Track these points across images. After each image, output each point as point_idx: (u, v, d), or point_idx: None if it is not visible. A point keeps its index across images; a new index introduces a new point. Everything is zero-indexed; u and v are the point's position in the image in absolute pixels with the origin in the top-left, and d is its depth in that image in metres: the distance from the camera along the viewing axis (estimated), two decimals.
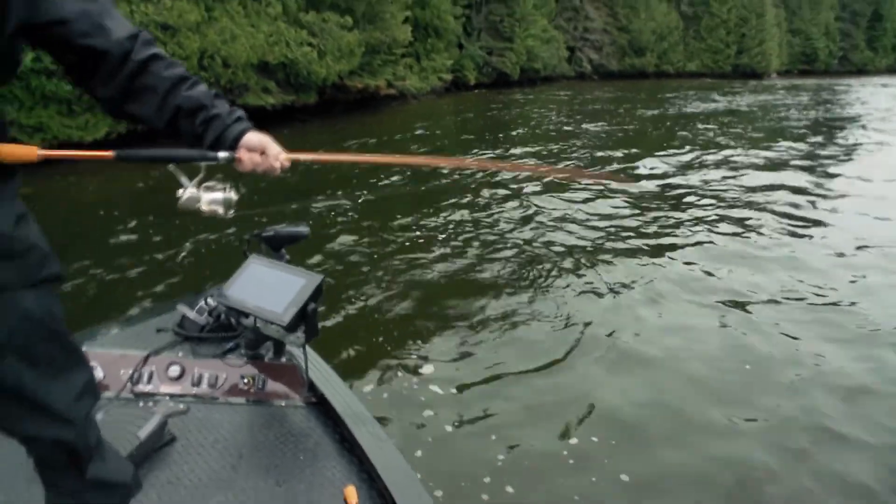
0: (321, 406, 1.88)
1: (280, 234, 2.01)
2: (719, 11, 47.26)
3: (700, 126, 16.46)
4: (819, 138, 14.28)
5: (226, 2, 12.82)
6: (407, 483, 1.53)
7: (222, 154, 1.22)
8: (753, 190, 8.64)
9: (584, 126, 16.27)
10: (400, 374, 3.59)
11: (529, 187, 8.50)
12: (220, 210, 1.31)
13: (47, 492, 1.21)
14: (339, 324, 4.26)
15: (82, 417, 1.14)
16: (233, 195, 1.32)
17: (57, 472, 1.18)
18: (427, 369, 3.64)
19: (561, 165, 10.49)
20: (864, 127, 16.86)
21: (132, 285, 4.90)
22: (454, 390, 3.42)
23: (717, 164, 10.64)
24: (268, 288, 1.77)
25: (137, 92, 1.13)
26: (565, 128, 16.17)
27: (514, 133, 15.05)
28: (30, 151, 1.04)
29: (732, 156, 11.51)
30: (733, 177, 9.56)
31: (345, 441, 1.74)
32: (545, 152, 11.98)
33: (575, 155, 11.71)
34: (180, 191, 1.26)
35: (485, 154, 11.42)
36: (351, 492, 1.52)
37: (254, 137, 1.24)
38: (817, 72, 57.09)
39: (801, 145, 13.14)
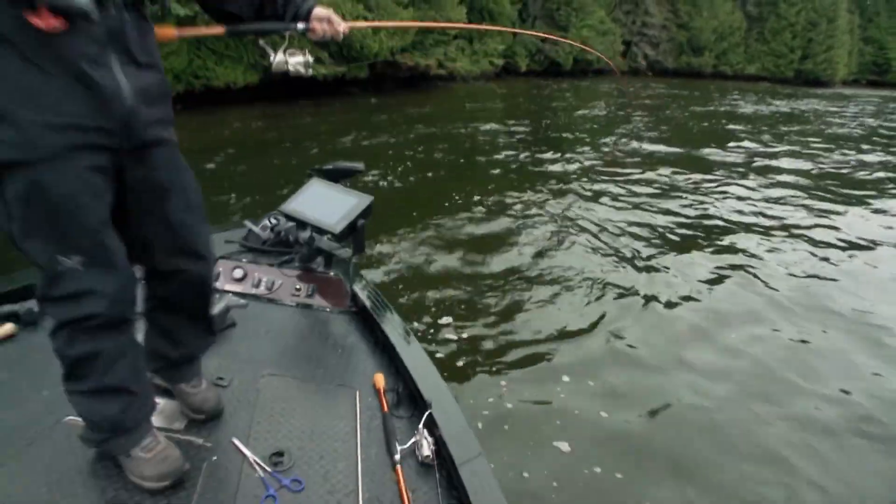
0: (361, 314, 2.12)
1: (338, 167, 2.31)
2: (787, 13, 45.41)
3: (748, 129, 16.03)
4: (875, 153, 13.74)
5: None
6: (428, 375, 1.73)
7: (300, 25, 1.50)
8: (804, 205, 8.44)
9: (631, 120, 16.05)
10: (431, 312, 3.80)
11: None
12: (302, 70, 1.61)
13: (164, 339, 1.50)
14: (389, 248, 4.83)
15: (213, 258, 1.47)
16: (310, 58, 1.62)
17: (185, 311, 1.48)
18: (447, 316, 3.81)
19: (596, 157, 10.43)
20: None
21: (213, 206, 5.32)
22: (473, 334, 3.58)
23: (766, 172, 10.41)
24: (324, 203, 2.05)
25: None
26: (609, 120, 15.99)
27: (559, 122, 14.98)
28: (170, 32, 1.33)
29: (789, 164, 11.22)
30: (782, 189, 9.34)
31: (378, 343, 1.97)
32: (585, 141, 11.92)
33: (613, 145, 11.60)
34: (271, 57, 1.58)
35: (530, 145, 11.43)
36: (379, 378, 1.76)
37: (321, 10, 1.52)
38: (888, 83, 54.34)
39: (858, 157, 12.69)
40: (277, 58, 1.60)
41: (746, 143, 12.70)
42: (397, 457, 1.46)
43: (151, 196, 1.29)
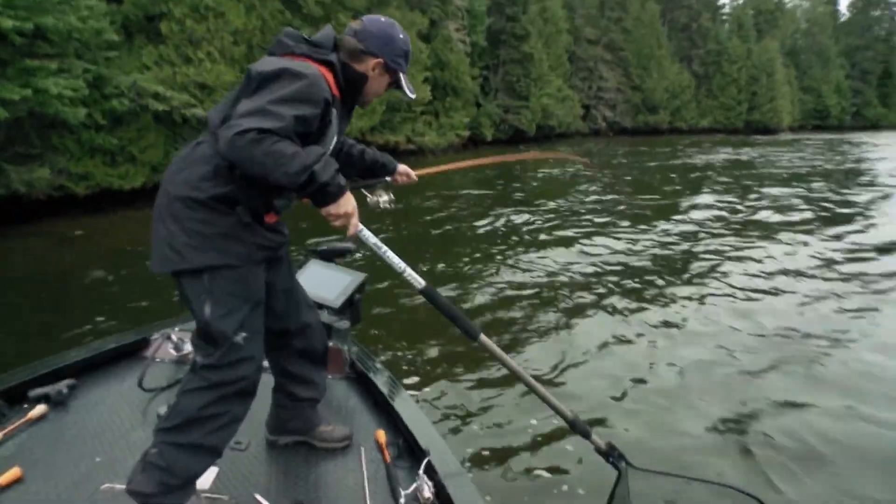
0: (360, 379, 2.34)
1: (332, 248, 2.58)
2: (730, 71, 48.69)
3: (711, 175, 16.95)
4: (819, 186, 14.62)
5: None
6: (423, 427, 1.95)
7: (389, 178, 2.12)
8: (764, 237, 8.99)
9: (594, 177, 16.87)
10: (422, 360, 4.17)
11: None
12: (390, 206, 2.00)
13: (303, 385, 1.91)
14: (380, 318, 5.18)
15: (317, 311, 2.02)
16: (392, 196, 2.02)
17: (316, 355, 1.93)
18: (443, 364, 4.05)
19: (563, 213, 10.97)
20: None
21: None
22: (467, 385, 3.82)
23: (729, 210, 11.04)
24: (323, 282, 2.31)
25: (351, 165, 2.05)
26: (576, 180, 16.78)
27: (527, 185, 15.69)
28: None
29: (741, 203, 11.90)
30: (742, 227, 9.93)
31: (377, 403, 2.18)
32: (554, 204, 12.53)
33: (583, 205, 12.22)
34: (369, 199, 1.96)
35: (501, 208, 11.96)
36: (380, 433, 1.96)
37: (402, 167, 2.17)
38: (831, 127, 57.78)
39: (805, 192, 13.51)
40: (372, 200, 2.02)
41: (705, 190, 13.47)
42: (402, 500, 1.62)
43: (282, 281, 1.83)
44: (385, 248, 1.76)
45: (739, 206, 11.63)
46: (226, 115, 1.50)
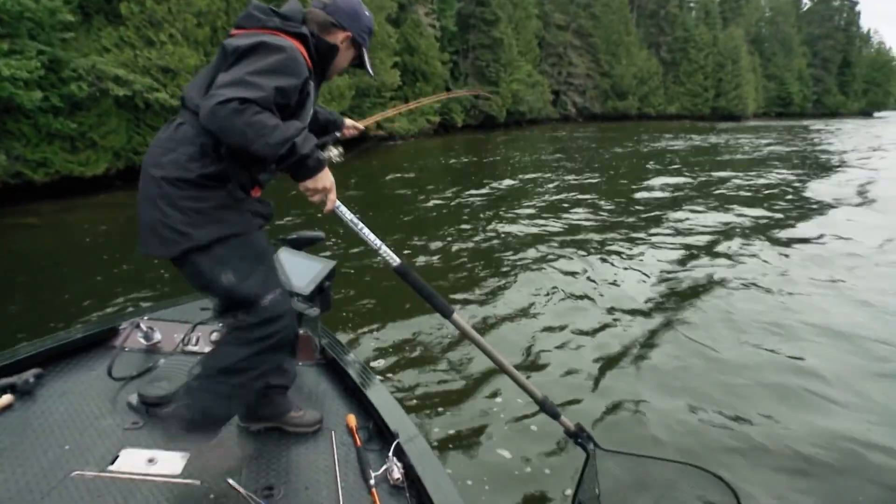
0: (330, 365, 2.37)
1: (301, 237, 2.57)
2: (696, 58, 49.50)
3: (677, 159, 17.30)
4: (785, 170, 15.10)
5: None
6: (392, 411, 2.00)
7: (339, 133, 2.26)
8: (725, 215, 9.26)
9: (563, 163, 17.06)
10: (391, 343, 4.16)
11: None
12: (340, 158, 2.14)
13: (276, 374, 1.92)
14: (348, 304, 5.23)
15: None
16: (342, 149, 2.16)
17: (290, 345, 1.92)
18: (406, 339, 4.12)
19: (534, 196, 11.10)
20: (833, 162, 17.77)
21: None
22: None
23: (691, 192, 11.31)
24: (293, 270, 2.29)
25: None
26: (544, 164, 16.95)
27: (496, 170, 15.77)
28: None
29: (704, 186, 12.21)
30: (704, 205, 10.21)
31: (347, 388, 2.22)
32: (522, 185, 12.64)
33: (549, 187, 12.37)
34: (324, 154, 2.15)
35: (470, 193, 12.01)
36: (351, 418, 2.00)
37: (348, 120, 2.30)
38: (793, 114, 59.44)
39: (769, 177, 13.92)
40: (326, 154, 2.18)
41: (670, 175, 13.77)
42: (372, 482, 1.68)
43: None
44: (361, 224, 1.80)
45: (695, 185, 11.93)
46: (206, 92, 1.52)
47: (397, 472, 1.71)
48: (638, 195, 11.49)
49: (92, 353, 2.34)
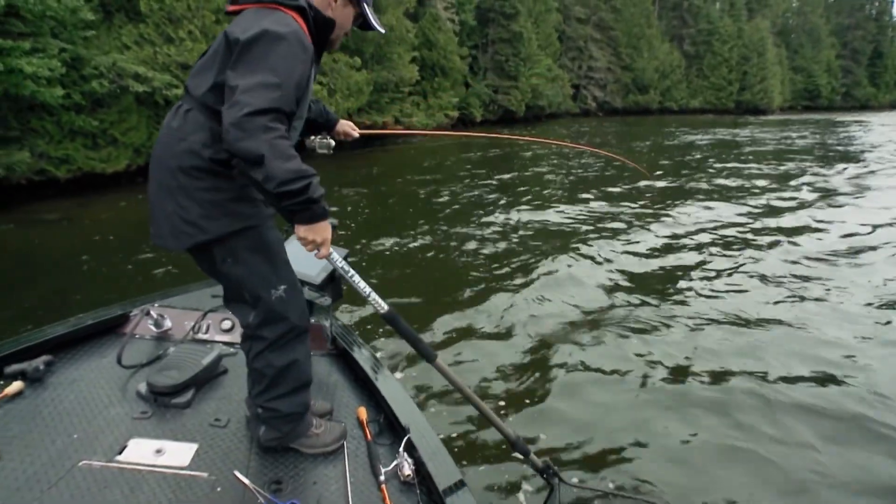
0: (341, 355, 2.33)
1: None
2: (721, 50, 48.50)
3: (700, 157, 16.96)
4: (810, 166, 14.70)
5: None
6: (404, 404, 1.97)
7: (329, 137, 2.24)
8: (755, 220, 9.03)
9: (582, 160, 16.84)
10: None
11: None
12: (328, 151, 2.21)
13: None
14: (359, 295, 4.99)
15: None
16: (332, 142, 2.22)
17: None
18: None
19: (556, 195, 10.96)
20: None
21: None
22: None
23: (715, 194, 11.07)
24: (303, 258, 2.19)
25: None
26: (564, 161, 16.75)
27: (514, 167, 15.62)
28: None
29: (732, 187, 11.94)
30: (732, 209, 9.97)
31: (359, 380, 2.19)
32: (541, 184, 12.50)
33: (564, 185, 12.21)
34: (307, 142, 2.16)
35: (485, 189, 11.91)
36: (361, 410, 1.98)
37: (343, 122, 2.23)
38: (821, 107, 57.96)
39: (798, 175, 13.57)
40: (310, 143, 2.22)
41: (706, 167, 13.49)
42: (382, 478, 1.65)
43: None
44: (352, 271, 1.75)
45: (724, 184, 11.67)
46: (214, 82, 1.50)
47: (408, 468, 1.68)
48: (655, 191, 11.27)
49: (102, 339, 2.34)
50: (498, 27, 31.66)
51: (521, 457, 2.05)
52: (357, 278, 1.75)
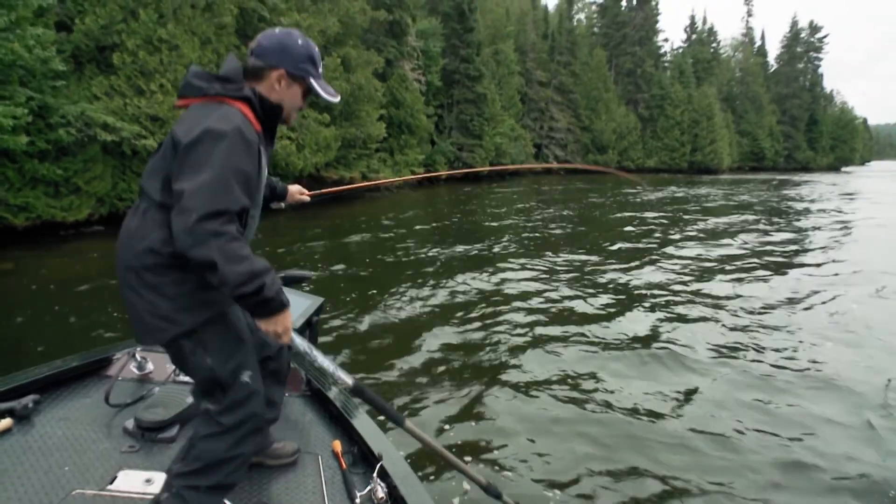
0: (316, 396, 2.44)
1: (290, 275, 2.69)
2: (673, 114, 51.48)
3: (660, 211, 17.69)
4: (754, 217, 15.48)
5: None
6: (375, 436, 2.07)
7: (282, 204, 2.30)
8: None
9: (545, 213, 17.35)
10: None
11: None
12: (282, 205, 2.29)
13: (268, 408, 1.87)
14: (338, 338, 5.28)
15: None
16: (281, 204, 2.30)
17: (282, 376, 2.00)
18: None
19: (515, 246, 11.22)
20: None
21: None
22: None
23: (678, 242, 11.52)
24: None
25: None
26: (525, 215, 17.22)
27: (480, 222, 15.98)
28: None
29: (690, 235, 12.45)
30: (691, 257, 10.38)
31: (332, 416, 2.29)
32: (504, 237, 12.80)
33: (532, 236, 12.53)
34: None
35: (452, 245, 12.12)
36: (336, 444, 2.07)
37: (293, 187, 2.32)
38: (766, 168, 61.59)
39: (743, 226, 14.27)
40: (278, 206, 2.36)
41: (651, 226, 14.05)
42: (357, 501, 1.75)
43: None
44: (315, 350, 1.77)
45: (673, 236, 12.19)
46: (164, 182, 1.49)
47: (381, 492, 1.78)
48: (615, 245, 11.68)
49: (87, 380, 2.45)
50: (463, 88, 32.99)
51: (494, 499, 2.12)
52: (320, 356, 1.74)
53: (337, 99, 1.75)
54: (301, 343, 1.70)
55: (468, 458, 3.37)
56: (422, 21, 30.49)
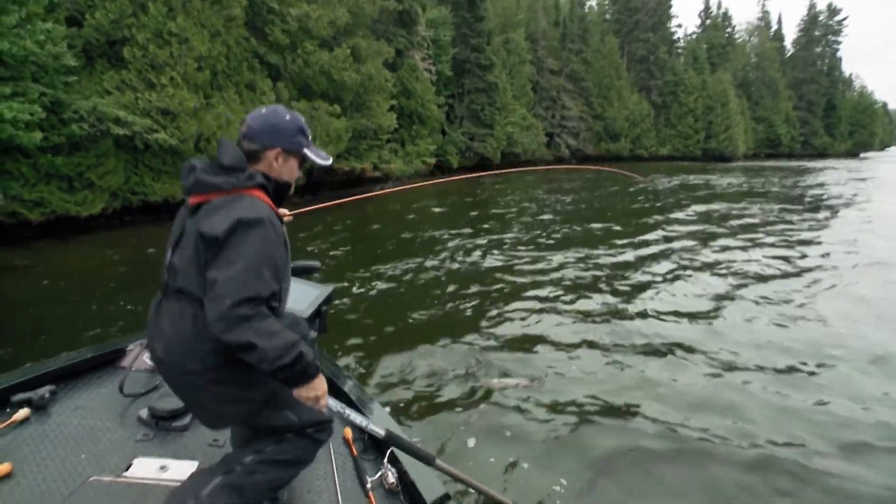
0: (327, 384, 2.41)
1: (297, 266, 2.69)
2: (686, 101, 50.71)
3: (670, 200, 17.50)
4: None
5: (223, 90, 13.90)
6: (385, 422, 2.09)
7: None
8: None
9: (556, 203, 17.23)
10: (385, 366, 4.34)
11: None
12: (289, 217, 2.16)
13: None
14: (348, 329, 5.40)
15: None
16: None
17: None
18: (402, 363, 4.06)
19: (527, 238, 11.16)
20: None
21: None
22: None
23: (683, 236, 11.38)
24: (293, 294, 2.37)
25: None
26: (535, 205, 17.11)
27: (491, 212, 15.90)
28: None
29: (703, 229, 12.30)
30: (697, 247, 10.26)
31: (343, 406, 2.28)
32: (515, 227, 12.72)
33: (545, 229, 12.45)
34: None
35: (463, 233, 12.08)
36: (347, 431, 2.16)
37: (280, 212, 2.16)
38: (782, 155, 60.57)
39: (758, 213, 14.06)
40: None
41: (661, 214, 13.92)
42: (369, 486, 1.84)
43: None
44: (350, 410, 1.86)
45: (692, 225, 12.05)
46: (198, 281, 1.52)
47: (392, 477, 1.86)
48: (626, 238, 11.57)
49: (101, 371, 2.54)
50: (474, 77, 32.73)
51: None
52: (354, 414, 1.86)
53: (329, 161, 1.79)
54: (335, 405, 1.80)
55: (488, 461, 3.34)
56: (431, 10, 30.24)
